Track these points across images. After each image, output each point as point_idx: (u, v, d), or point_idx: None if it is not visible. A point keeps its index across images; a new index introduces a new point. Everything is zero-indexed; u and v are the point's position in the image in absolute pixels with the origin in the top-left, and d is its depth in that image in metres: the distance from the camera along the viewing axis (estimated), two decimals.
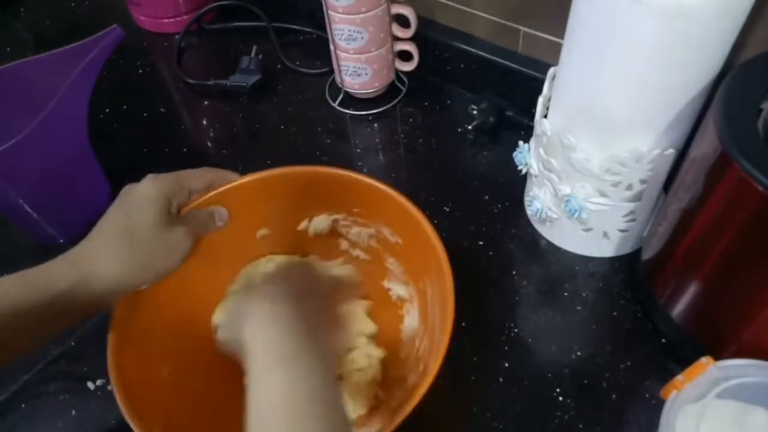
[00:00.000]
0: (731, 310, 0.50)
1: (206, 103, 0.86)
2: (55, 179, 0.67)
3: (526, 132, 0.71)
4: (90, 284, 0.45)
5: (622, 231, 0.61)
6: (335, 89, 0.83)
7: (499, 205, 0.70)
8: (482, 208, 0.69)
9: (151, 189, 0.49)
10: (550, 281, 0.63)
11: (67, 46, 0.67)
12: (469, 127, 0.76)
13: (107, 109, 0.85)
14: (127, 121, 0.85)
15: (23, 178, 0.65)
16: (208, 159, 0.80)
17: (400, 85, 0.83)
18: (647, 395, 0.55)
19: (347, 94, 0.82)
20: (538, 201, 0.63)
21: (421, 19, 0.76)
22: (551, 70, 0.59)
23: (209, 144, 0.82)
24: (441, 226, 0.68)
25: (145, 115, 0.85)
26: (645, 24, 0.44)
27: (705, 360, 0.45)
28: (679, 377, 0.45)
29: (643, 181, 0.55)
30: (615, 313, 0.60)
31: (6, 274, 0.45)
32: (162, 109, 0.86)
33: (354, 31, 0.72)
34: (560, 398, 0.55)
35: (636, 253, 0.63)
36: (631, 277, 0.62)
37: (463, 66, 0.79)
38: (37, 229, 0.71)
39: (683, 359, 0.48)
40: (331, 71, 0.82)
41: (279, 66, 0.88)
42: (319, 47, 0.86)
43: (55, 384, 0.60)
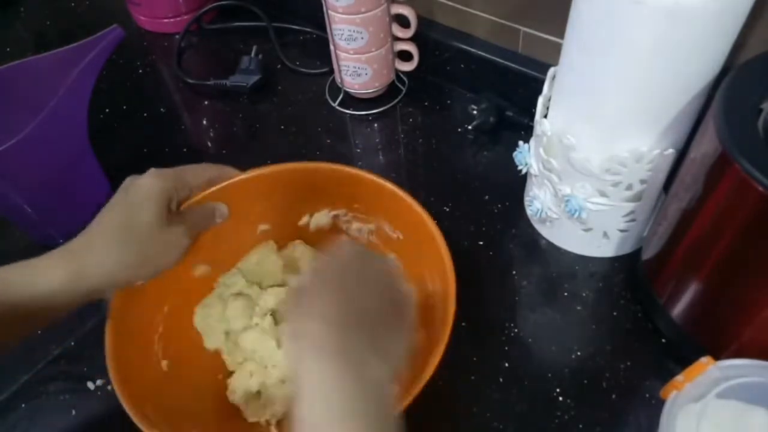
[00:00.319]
0: (731, 310, 0.50)
1: (206, 103, 0.86)
2: (55, 179, 0.67)
3: (526, 132, 0.71)
4: (86, 277, 0.45)
5: (622, 231, 0.61)
6: (335, 89, 0.83)
7: (499, 205, 0.70)
8: (482, 208, 0.69)
9: (152, 184, 0.49)
10: (550, 281, 0.63)
11: (67, 46, 0.66)
12: (469, 127, 0.76)
13: (107, 109, 0.85)
14: (127, 121, 0.85)
15: (23, 178, 0.65)
16: (209, 159, 0.79)
17: (400, 85, 0.83)
18: (647, 395, 0.55)
19: (347, 94, 0.82)
20: (538, 201, 0.63)
21: (421, 19, 0.76)
22: (551, 70, 0.59)
23: (209, 144, 0.82)
24: (441, 226, 0.67)
25: (145, 115, 0.85)
26: (645, 24, 0.44)
27: (705, 360, 0.45)
28: (679, 377, 0.45)
29: (643, 181, 0.55)
30: (615, 313, 0.60)
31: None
32: (162, 109, 0.86)
33: (354, 31, 0.72)
34: (560, 398, 0.55)
35: (636, 253, 0.63)
36: (631, 277, 0.62)
37: (463, 66, 0.79)
38: (37, 229, 0.71)
39: (683, 359, 0.48)
40: (331, 71, 0.82)
41: (279, 66, 0.88)
42: (319, 47, 0.86)
43: (55, 384, 0.60)
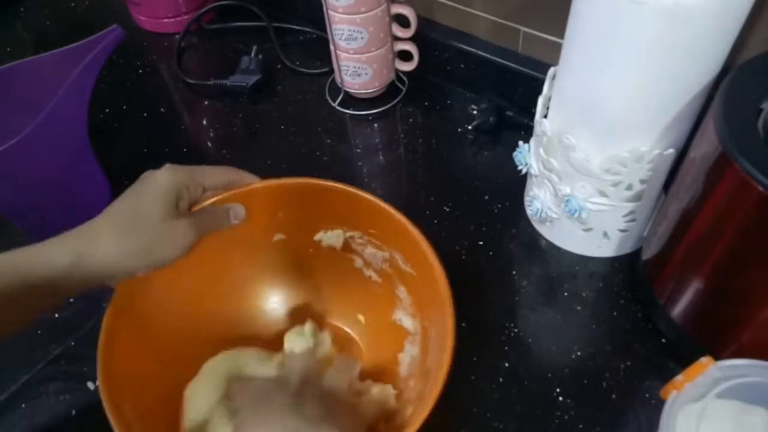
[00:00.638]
0: (731, 310, 0.50)
1: (206, 103, 0.86)
2: (55, 179, 0.67)
3: (526, 132, 0.71)
4: (86, 263, 0.46)
5: (622, 231, 0.61)
6: (335, 89, 0.83)
7: (499, 205, 0.70)
8: (482, 208, 0.70)
9: (165, 179, 0.50)
10: (550, 281, 0.63)
11: (67, 46, 0.67)
12: (469, 127, 0.77)
13: (107, 109, 0.85)
14: (127, 121, 0.85)
15: (23, 178, 0.65)
16: (209, 159, 0.80)
17: (400, 85, 0.83)
18: (647, 395, 0.55)
19: (347, 94, 0.82)
20: (538, 201, 0.63)
21: (421, 19, 0.76)
22: (551, 70, 0.59)
23: (209, 144, 0.82)
24: (441, 226, 0.68)
25: (145, 115, 0.85)
26: (645, 24, 0.44)
27: (705, 360, 0.45)
28: (679, 377, 0.45)
29: (643, 181, 0.55)
30: (615, 313, 0.60)
31: None
32: (162, 109, 0.86)
33: (354, 31, 0.72)
34: (560, 398, 0.55)
35: (636, 253, 0.63)
36: (631, 277, 0.62)
37: (463, 66, 0.79)
38: (37, 229, 0.71)
39: (683, 359, 0.48)
40: (331, 71, 0.82)
41: (279, 66, 0.88)
42: (319, 47, 0.86)
43: (55, 384, 0.60)
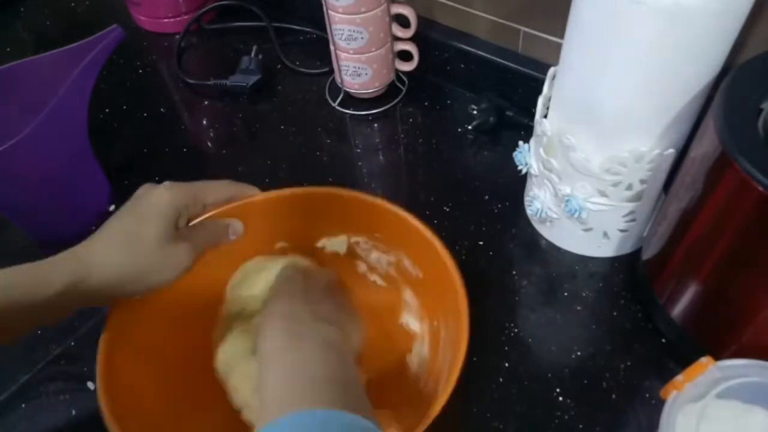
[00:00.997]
0: (731, 310, 0.50)
1: (206, 103, 0.86)
2: (55, 179, 0.67)
3: (526, 132, 0.71)
4: (84, 284, 0.45)
5: (622, 231, 0.61)
6: (335, 89, 0.83)
7: (499, 205, 0.70)
8: (482, 208, 0.69)
9: (164, 199, 0.49)
10: (550, 281, 0.63)
11: (67, 46, 0.67)
12: (469, 127, 0.76)
13: (107, 109, 0.85)
14: (127, 121, 0.85)
15: (23, 178, 0.65)
16: (208, 159, 0.80)
17: (400, 85, 0.83)
18: (647, 395, 0.55)
19: (347, 94, 0.82)
20: (538, 201, 0.63)
21: (421, 19, 0.76)
22: (551, 70, 0.59)
23: (209, 144, 0.82)
24: (441, 226, 0.68)
25: (145, 115, 0.85)
26: (645, 24, 0.44)
27: (705, 360, 0.45)
28: (679, 377, 0.45)
29: (643, 181, 0.55)
30: (615, 313, 0.60)
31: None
32: (162, 109, 0.86)
33: (354, 31, 0.72)
34: (560, 398, 0.55)
35: (636, 253, 0.63)
36: (631, 277, 0.62)
37: (463, 66, 0.79)
38: (36, 229, 0.71)
39: (683, 359, 0.48)
40: (331, 71, 0.82)
41: (279, 66, 0.88)
42: (319, 47, 0.86)
43: (55, 384, 0.60)
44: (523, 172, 0.65)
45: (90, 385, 0.59)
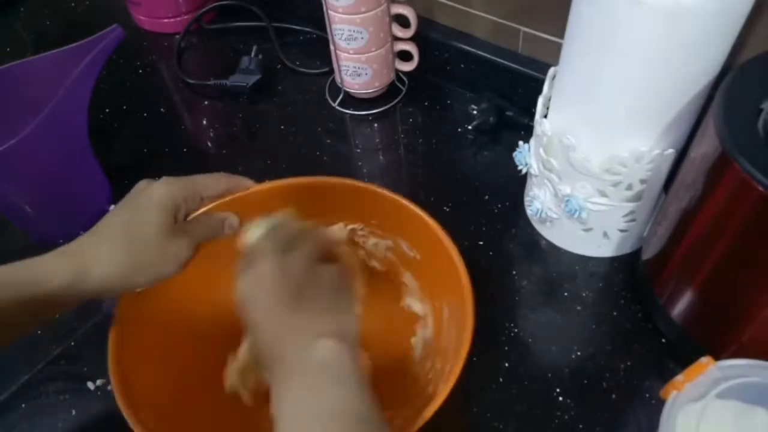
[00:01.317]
0: (731, 310, 0.50)
1: (206, 103, 0.86)
2: (55, 179, 0.67)
3: (526, 132, 0.71)
4: (84, 280, 0.45)
5: (622, 231, 0.61)
6: (335, 89, 0.83)
7: (499, 205, 0.70)
8: (482, 208, 0.69)
9: (163, 194, 0.49)
10: (550, 281, 0.63)
11: (67, 46, 0.67)
12: (469, 127, 0.76)
13: (107, 109, 0.85)
14: (127, 121, 0.85)
15: (23, 178, 0.65)
16: (208, 159, 0.80)
17: (400, 85, 0.83)
18: (647, 395, 0.55)
19: (347, 94, 0.82)
20: (538, 201, 0.63)
21: (421, 19, 0.76)
22: (551, 70, 0.59)
23: (209, 144, 0.82)
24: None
25: (145, 115, 0.85)
26: (645, 24, 0.44)
27: (705, 360, 0.45)
28: (679, 377, 0.45)
29: (643, 181, 0.55)
30: (615, 313, 0.60)
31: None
32: (162, 109, 0.86)
33: (354, 31, 0.72)
34: (560, 398, 0.55)
35: (636, 253, 0.63)
36: (631, 277, 0.62)
37: (463, 66, 0.79)
38: (36, 229, 0.71)
39: (683, 359, 0.48)
40: (331, 71, 0.82)
41: (279, 66, 0.88)
42: (319, 47, 0.86)
43: (55, 384, 0.60)
44: (523, 172, 0.65)
45: (90, 385, 0.59)
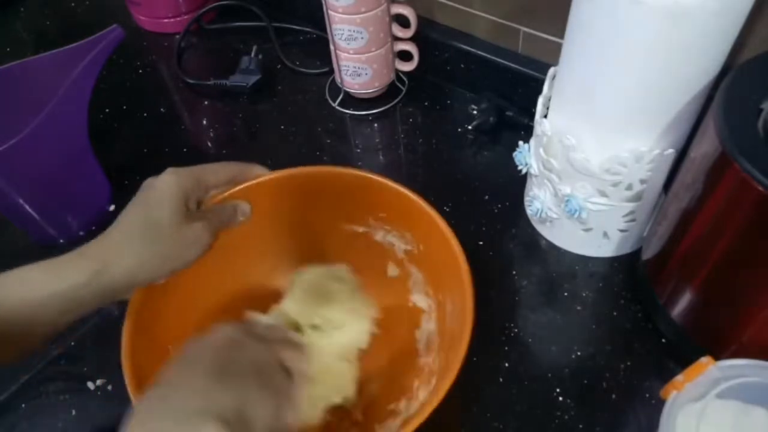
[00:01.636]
0: (731, 310, 0.50)
1: (206, 103, 0.86)
2: (55, 179, 0.67)
3: (526, 132, 0.71)
4: (108, 277, 0.46)
5: (622, 231, 0.61)
6: (335, 89, 0.83)
7: (499, 205, 0.70)
8: (482, 208, 0.69)
9: (169, 182, 0.49)
10: (550, 281, 0.63)
11: (67, 46, 0.67)
12: (469, 127, 0.76)
13: (107, 109, 0.85)
14: (127, 121, 0.85)
15: (23, 178, 0.65)
16: (209, 159, 0.79)
17: (400, 85, 0.83)
18: (647, 395, 0.55)
19: (347, 94, 0.82)
20: (538, 201, 0.63)
21: (421, 19, 0.76)
22: (551, 70, 0.59)
23: (209, 144, 0.82)
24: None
25: (145, 115, 0.85)
26: (645, 24, 0.44)
27: (705, 360, 0.45)
28: (679, 377, 0.45)
29: (643, 181, 0.55)
30: (615, 313, 0.60)
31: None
32: (162, 109, 0.86)
33: (354, 31, 0.72)
34: (560, 398, 0.55)
35: (636, 253, 0.63)
36: (631, 277, 0.62)
37: (463, 66, 0.79)
38: (36, 229, 0.71)
39: (683, 359, 0.48)
40: (331, 71, 0.82)
41: (279, 66, 0.88)
42: (319, 47, 0.86)
43: (55, 384, 0.60)
44: (523, 172, 0.65)
45: (90, 385, 0.59)
